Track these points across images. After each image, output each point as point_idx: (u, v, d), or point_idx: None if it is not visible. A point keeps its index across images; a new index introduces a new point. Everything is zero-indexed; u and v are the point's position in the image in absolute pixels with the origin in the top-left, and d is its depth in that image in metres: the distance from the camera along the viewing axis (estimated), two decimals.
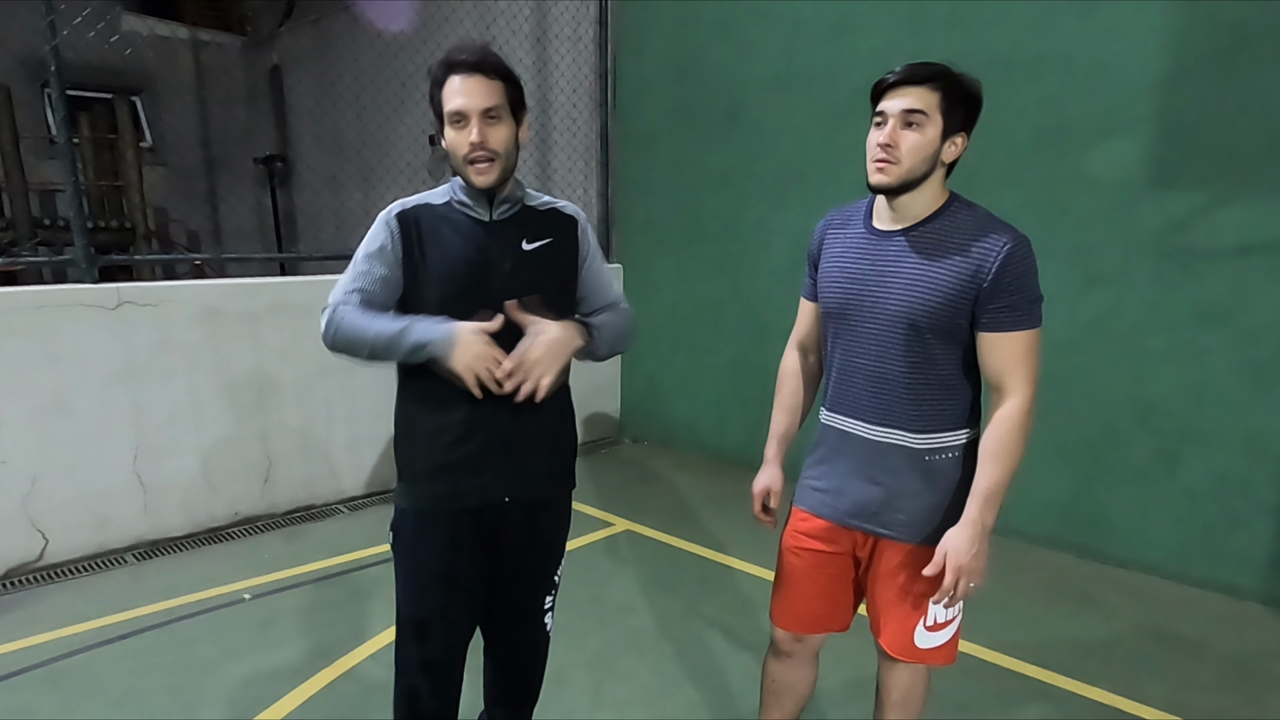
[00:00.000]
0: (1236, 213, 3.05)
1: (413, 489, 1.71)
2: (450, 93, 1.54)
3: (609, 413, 5.56)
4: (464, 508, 1.68)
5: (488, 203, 1.65)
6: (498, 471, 1.67)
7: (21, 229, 8.10)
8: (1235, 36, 2.98)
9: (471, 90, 1.53)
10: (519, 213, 1.68)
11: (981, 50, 3.49)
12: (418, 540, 1.71)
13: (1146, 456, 3.37)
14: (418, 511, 1.70)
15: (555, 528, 1.86)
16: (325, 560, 3.52)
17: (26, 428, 3.26)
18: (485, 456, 1.66)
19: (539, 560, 1.83)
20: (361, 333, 1.56)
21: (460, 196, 1.66)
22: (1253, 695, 2.59)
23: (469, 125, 1.54)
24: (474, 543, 1.71)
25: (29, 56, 8.06)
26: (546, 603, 1.87)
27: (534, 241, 1.67)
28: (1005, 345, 1.52)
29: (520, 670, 1.93)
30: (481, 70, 1.54)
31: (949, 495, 1.61)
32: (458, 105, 1.53)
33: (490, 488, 1.68)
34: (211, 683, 2.59)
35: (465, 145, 1.55)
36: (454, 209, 1.66)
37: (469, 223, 1.64)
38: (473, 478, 1.66)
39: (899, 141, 1.49)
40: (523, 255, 1.66)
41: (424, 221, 1.63)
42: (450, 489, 1.67)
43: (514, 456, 1.68)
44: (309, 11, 8.34)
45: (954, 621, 1.69)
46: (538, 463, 1.73)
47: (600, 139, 5.25)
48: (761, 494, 1.88)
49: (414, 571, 1.73)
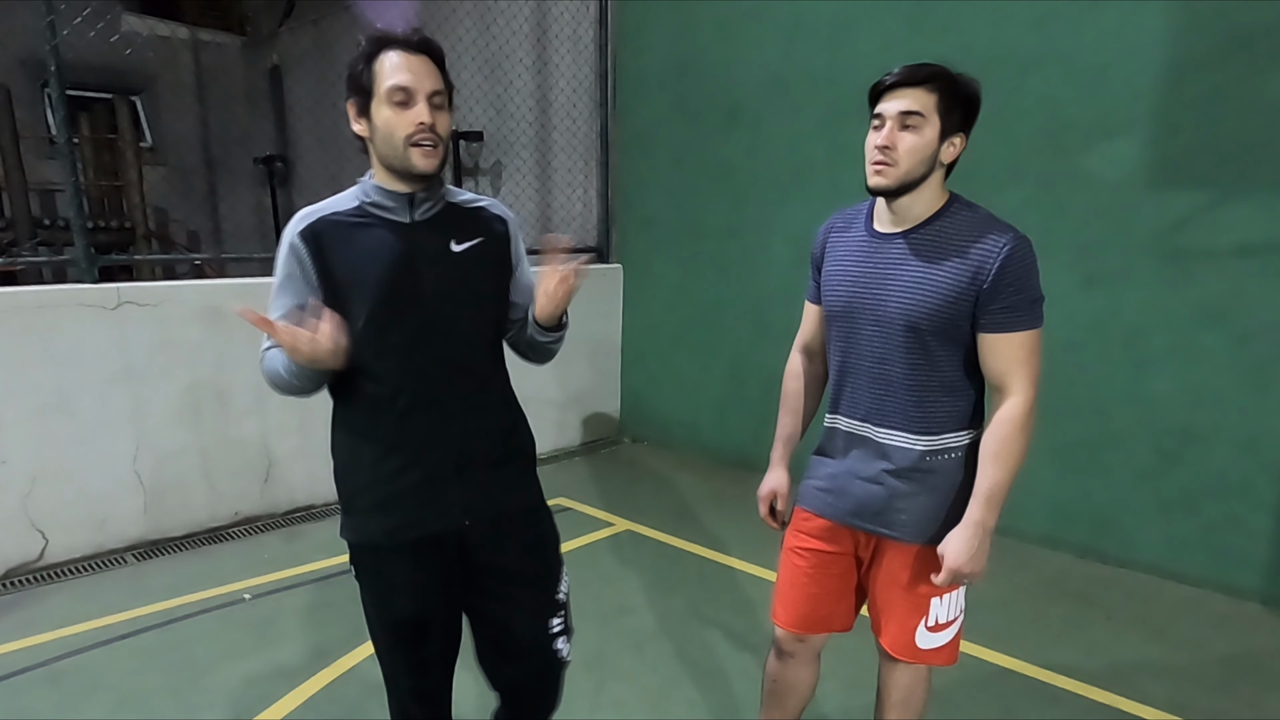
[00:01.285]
0: (1236, 213, 3.05)
1: (362, 522, 1.56)
2: (390, 68, 1.39)
3: (609, 413, 5.56)
4: (421, 536, 1.54)
5: (408, 203, 1.49)
6: (453, 493, 1.54)
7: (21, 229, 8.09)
8: (1235, 36, 2.98)
9: (420, 69, 1.40)
10: (442, 211, 1.54)
11: (981, 50, 3.49)
12: (378, 575, 1.58)
13: (1146, 456, 3.37)
14: (369, 546, 1.57)
15: (538, 541, 1.68)
16: (325, 560, 3.52)
17: (27, 428, 3.26)
18: (435, 479, 1.53)
19: (527, 581, 1.66)
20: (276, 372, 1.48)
21: (375, 198, 1.49)
22: (1253, 695, 2.59)
23: (415, 104, 1.40)
24: (440, 569, 1.58)
25: (29, 56, 8.05)
26: (554, 626, 1.70)
27: (463, 242, 1.53)
28: (1006, 346, 1.51)
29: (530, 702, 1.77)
30: (428, 51, 1.42)
31: (951, 496, 1.61)
32: (403, 81, 1.39)
33: (446, 512, 1.55)
34: (211, 683, 2.59)
35: (410, 125, 1.39)
36: (367, 213, 1.49)
37: (386, 228, 1.48)
38: (425, 505, 1.53)
39: (896, 143, 1.49)
40: (452, 257, 1.52)
41: (332, 235, 1.47)
42: (402, 519, 1.53)
43: (466, 474, 1.55)
44: (309, 11, 8.34)
45: (956, 622, 1.70)
46: (494, 476, 1.59)
47: (600, 139, 5.25)
48: (768, 497, 1.88)
49: (378, 608, 1.61)
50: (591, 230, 5.39)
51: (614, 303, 5.36)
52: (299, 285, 1.49)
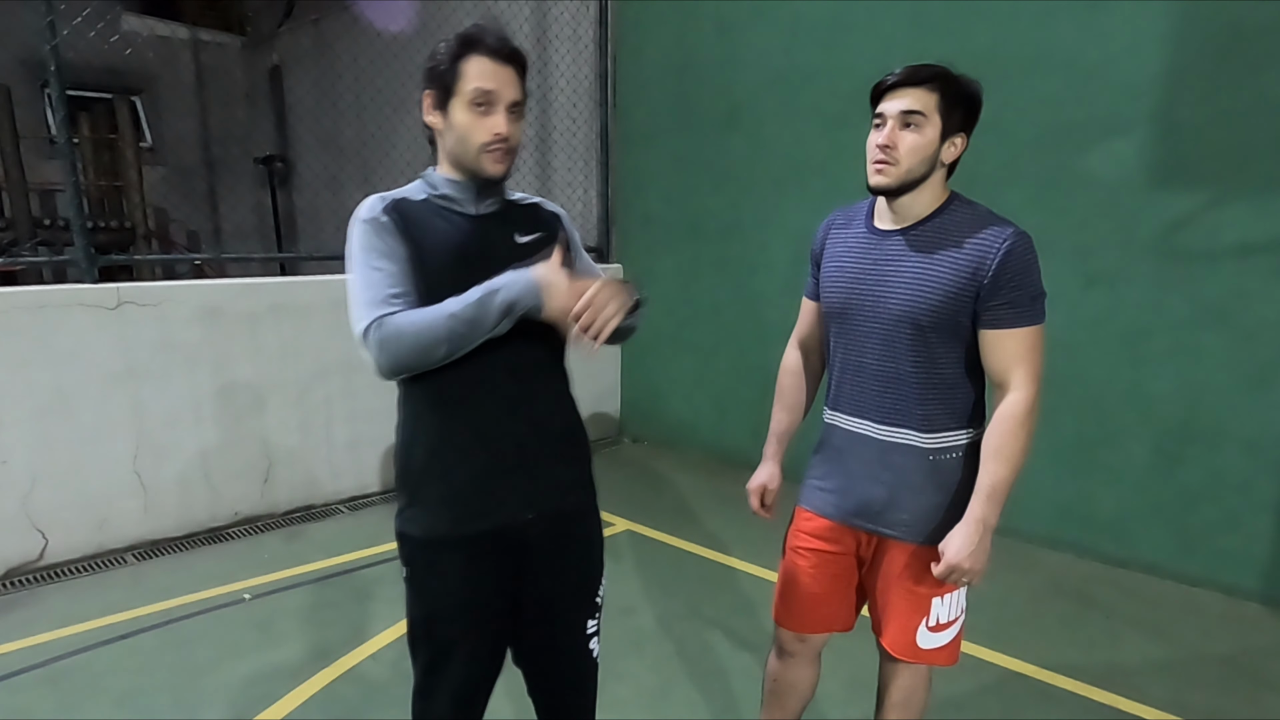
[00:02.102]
0: (1236, 213, 3.05)
1: (423, 515, 1.54)
2: (477, 72, 1.42)
3: (609, 413, 5.56)
4: (483, 530, 1.53)
5: (475, 196, 1.53)
6: (518, 485, 1.53)
7: (21, 229, 8.10)
8: (1235, 36, 2.98)
9: (506, 78, 1.43)
10: (502, 208, 1.58)
11: (981, 50, 3.49)
12: (433, 571, 1.55)
13: (1146, 456, 3.37)
14: (429, 540, 1.54)
15: (588, 543, 1.69)
16: (325, 560, 3.52)
17: (27, 428, 3.26)
18: (503, 470, 1.52)
19: (575, 581, 1.67)
20: (430, 329, 1.37)
21: (443, 190, 1.52)
22: (1253, 695, 2.59)
23: (495, 113, 1.43)
24: (497, 568, 1.56)
25: (29, 56, 8.05)
26: (590, 627, 1.69)
27: (526, 235, 1.57)
28: (1007, 342, 1.51)
29: (571, 701, 1.75)
30: (514, 62, 1.45)
31: (952, 495, 1.60)
32: (491, 86, 1.41)
33: (511, 505, 1.53)
34: (211, 683, 2.59)
35: (488, 134, 1.43)
36: (434, 204, 1.52)
37: (456, 216, 1.52)
38: (491, 497, 1.52)
39: (897, 142, 1.49)
40: (517, 248, 1.54)
41: (411, 214, 1.49)
42: (467, 511, 1.52)
43: (533, 468, 1.55)
44: (309, 11, 8.34)
45: (957, 622, 1.69)
46: (559, 472, 1.60)
47: (600, 139, 5.25)
48: (758, 490, 1.88)
49: (430, 604, 1.57)
50: (591, 230, 5.39)
51: None
52: (398, 254, 1.44)
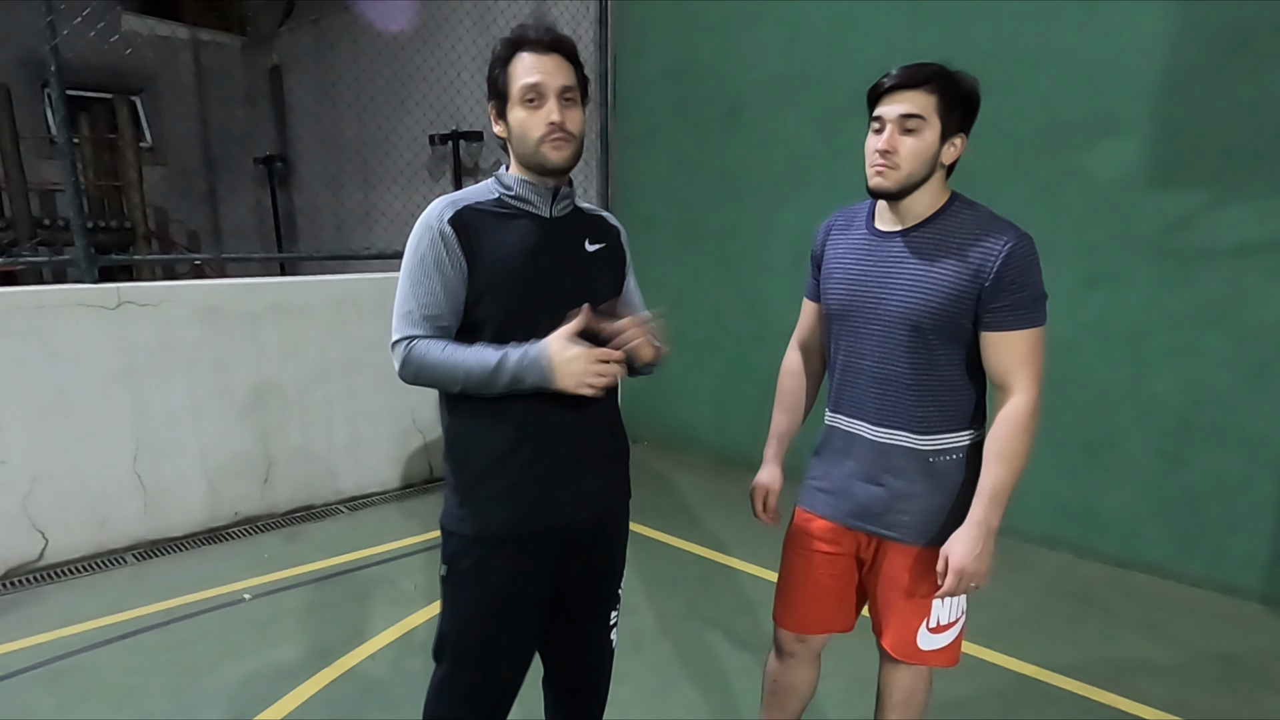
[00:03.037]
0: (1236, 212, 3.05)
1: (477, 514, 1.53)
2: (522, 69, 1.43)
3: None
4: (535, 530, 1.54)
5: (550, 196, 1.51)
6: (571, 487, 1.55)
7: (21, 229, 8.10)
8: (1235, 36, 2.98)
9: (551, 67, 1.43)
10: (574, 212, 1.58)
11: (981, 50, 3.49)
12: (479, 570, 1.55)
13: (1146, 456, 3.37)
14: (481, 538, 1.54)
15: (619, 539, 1.75)
16: (325, 560, 3.52)
17: (27, 428, 3.26)
18: (559, 472, 1.53)
19: (605, 575, 1.71)
20: (448, 372, 1.43)
21: (516, 190, 1.51)
22: (1253, 695, 2.59)
23: (546, 103, 1.42)
24: (541, 567, 1.58)
25: (29, 56, 8.06)
26: (612, 618, 1.76)
27: (594, 243, 1.57)
28: (1009, 344, 1.51)
29: (590, 691, 1.80)
30: (558, 49, 1.45)
31: (953, 496, 1.60)
32: (534, 80, 1.41)
33: (565, 505, 1.55)
34: (211, 682, 2.59)
35: (542, 125, 1.42)
36: (508, 205, 1.51)
37: (528, 220, 1.50)
38: (546, 496, 1.53)
39: (898, 147, 1.48)
40: (586, 256, 1.55)
41: (479, 222, 1.47)
42: (522, 511, 1.52)
43: (586, 469, 1.56)
44: (309, 11, 8.34)
45: (957, 623, 1.69)
46: (609, 473, 1.63)
47: (600, 139, 5.25)
48: (760, 493, 1.87)
49: (474, 603, 1.57)
50: None
51: None
52: (446, 272, 1.46)
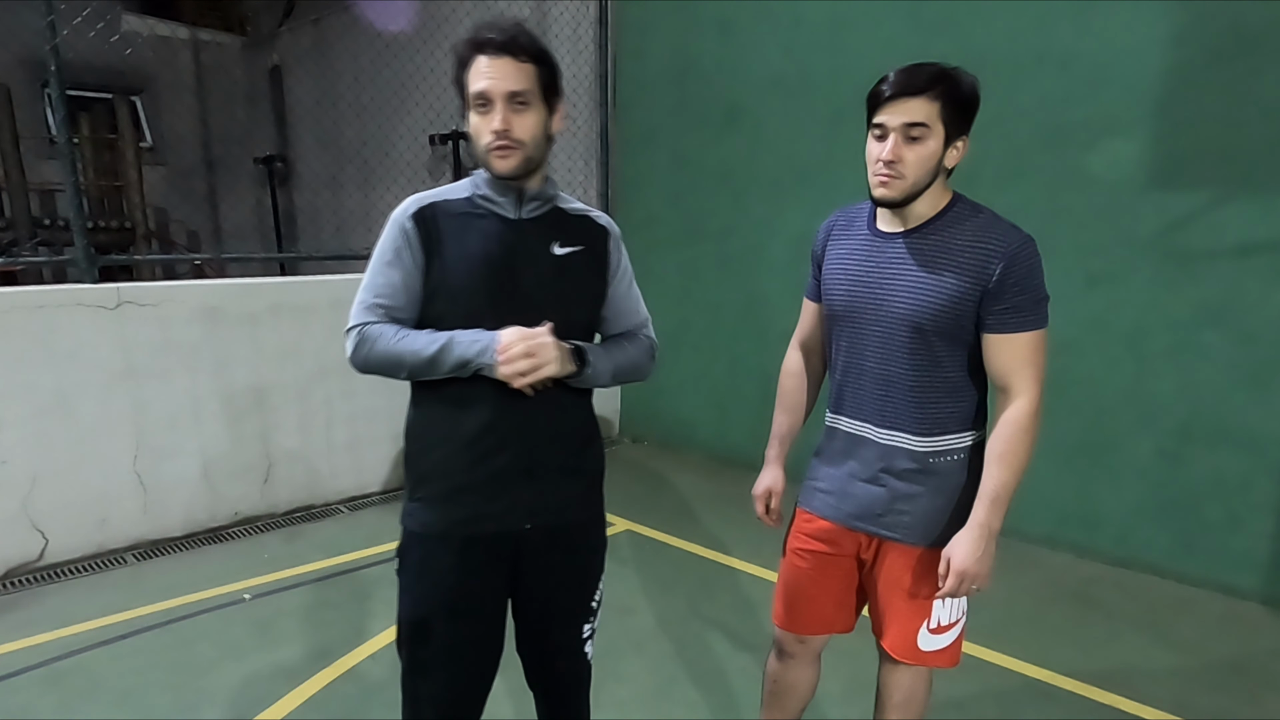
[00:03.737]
0: (1236, 212, 3.05)
1: (424, 510, 1.55)
2: (475, 73, 1.40)
3: (609, 413, 5.56)
4: (479, 534, 1.54)
5: (516, 198, 1.50)
6: (519, 495, 1.53)
7: (21, 229, 8.11)
8: (1235, 37, 2.98)
9: (499, 72, 1.38)
10: (549, 213, 1.54)
11: (981, 50, 3.48)
12: (425, 567, 1.56)
13: (1146, 456, 3.37)
14: (427, 536, 1.55)
15: (586, 556, 1.69)
16: (325, 560, 3.52)
17: (27, 428, 3.26)
18: (506, 478, 1.51)
19: (568, 589, 1.66)
20: (396, 355, 1.45)
21: (484, 191, 1.50)
22: (1253, 695, 2.59)
23: (492, 110, 1.40)
24: (489, 571, 1.57)
25: (29, 56, 8.06)
26: (585, 631, 1.70)
27: (566, 246, 1.53)
28: (1011, 346, 1.51)
29: (561, 706, 1.78)
30: (511, 51, 1.39)
31: (954, 498, 1.60)
32: (482, 87, 1.39)
33: (510, 513, 1.53)
34: (211, 683, 2.59)
35: (487, 133, 1.41)
36: (477, 205, 1.51)
37: (494, 220, 1.50)
38: (492, 501, 1.52)
39: (902, 156, 1.46)
40: (553, 260, 1.52)
41: (443, 220, 1.49)
42: (467, 513, 1.52)
43: (537, 479, 1.54)
44: (309, 11, 8.34)
45: (958, 624, 1.69)
46: (565, 485, 1.59)
47: (600, 139, 5.25)
48: (763, 496, 1.87)
49: (421, 599, 1.58)
50: None
51: None
52: (405, 264, 1.49)
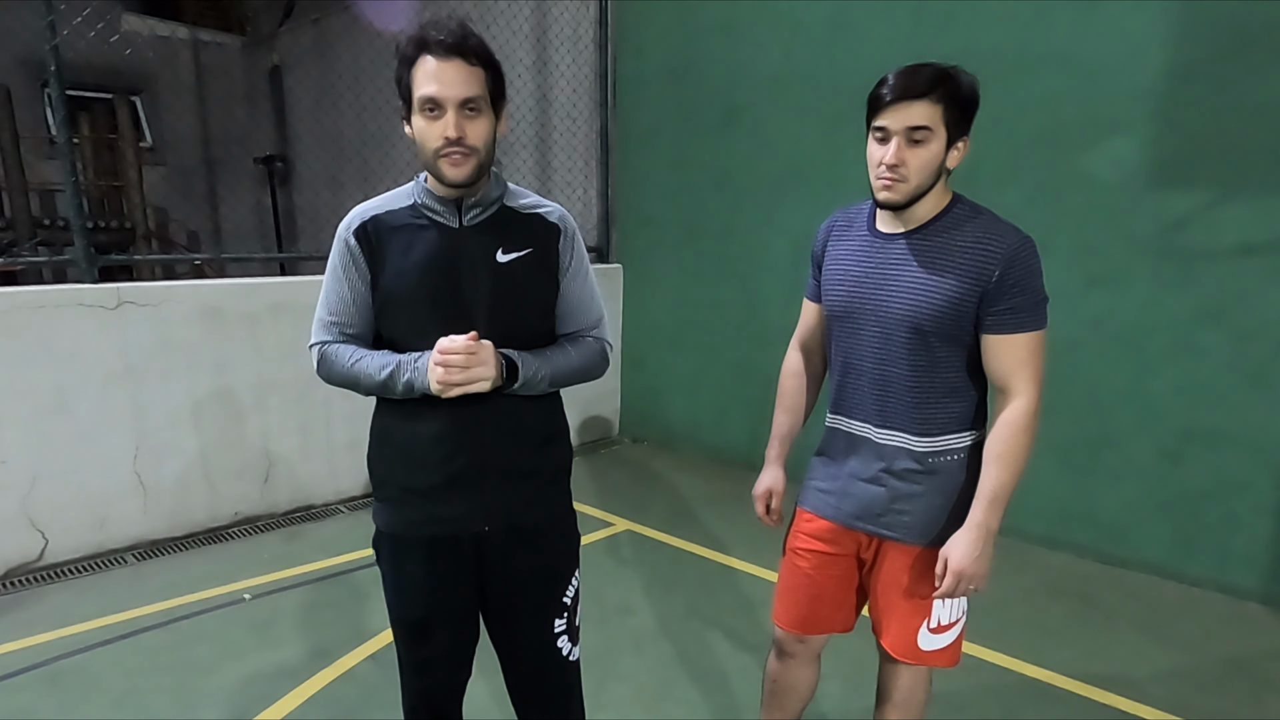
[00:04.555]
0: (1236, 212, 3.05)
1: (385, 510, 1.61)
2: (423, 76, 1.36)
3: (608, 413, 5.56)
4: (439, 534, 1.56)
5: (456, 209, 1.48)
6: (477, 498, 1.54)
7: (21, 229, 8.11)
8: (1235, 36, 2.98)
9: (449, 77, 1.35)
10: (495, 215, 1.51)
11: (981, 49, 3.48)
12: (395, 562, 1.63)
13: (1146, 456, 3.37)
14: (390, 534, 1.61)
15: (551, 555, 1.67)
16: (325, 560, 3.52)
17: (26, 427, 3.26)
18: (461, 483, 1.53)
19: (537, 589, 1.65)
20: (353, 378, 1.51)
21: (425, 200, 1.48)
22: (1253, 695, 2.59)
23: (444, 116, 1.37)
24: (454, 570, 1.59)
25: (29, 56, 8.06)
26: (557, 626, 1.68)
27: (510, 252, 1.50)
28: (1010, 347, 1.51)
29: (539, 702, 1.75)
30: (462, 54, 1.35)
31: (954, 497, 1.60)
32: (431, 92, 1.35)
33: (465, 517, 1.55)
34: (211, 683, 2.59)
35: (438, 139, 1.37)
36: (419, 214, 1.49)
37: (434, 231, 1.47)
38: (448, 505, 1.54)
39: (906, 159, 1.46)
40: (496, 268, 1.48)
41: (385, 234, 1.48)
42: (422, 515, 1.55)
43: (492, 482, 1.54)
44: (309, 11, 8.34)
45: (958, 624, 1.69)
46: (520, 488, 1.58)
47: (600, 138, 5.25)
48: (764, 496, 1.87)
49: (395, 594, 1.65)
50: (591, 230, 5.39)
51: (614, 303, 5.35)
52: (352, 280, 1.51)
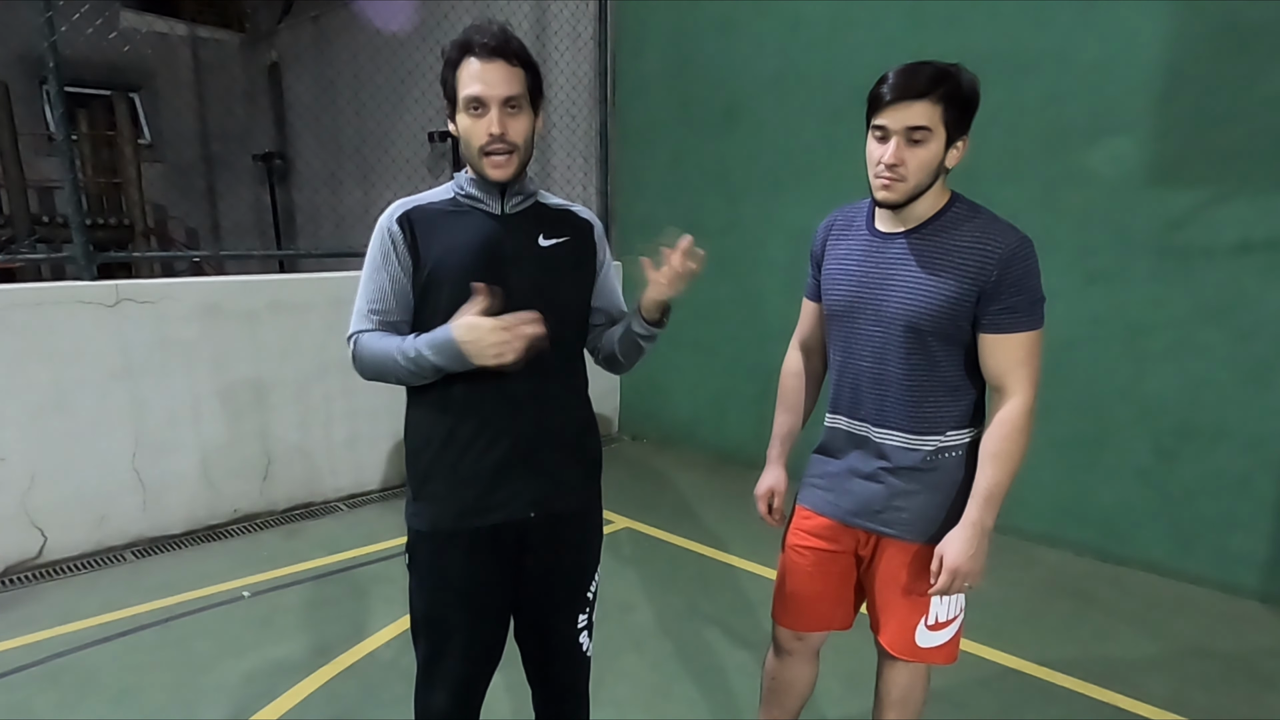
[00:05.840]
0: (1235, 210, 3.05)
1: (429, 507, 1.58)
2: (468, 76, 1.43)
3: (608, 411, 5.56)
4: (485, 526, 1.56)
5: (500, 195, 1.54)
6: (522, 484, 1.56)
7: (20, 226, 8.11)
8: (1234, 35, 2.98)
9: (492, 77, 1.42)
10: (532, 208, 1.59)
11: (981, 49, 3.48)
12: (435, 563, 1.59)
13: (1145, 454, 3.37)
14: (435, 534, 1.58)
15: (584, 543, 1.71)
16: (324, 558, 3.52)
17: (25, 425, 3.25)
18: (508, 468, 1.54)
19: (567, 578, 1.69)
20: (384, 366, 1.49)
21: (469, 190, 1.54)
22: (1253, 694, 2.59)
23: (488, 114, 1.43)
24: (496, 562, 1.60)
25: (27, 53, 8.05)
26: (580, 621, 1.72)
27: (551, 238, 1.57)
28: (1006, 346, 1.51)
29: (559, 697, 1.78)
30: (504, 55, 1.42)
31: (952, 495, 1.60)
32: (476, 91, 1.42)
33: (514, 502, 1.56)
34: (210, 680, 2.59)
35: (483, 135, 1.44)
36: (460, 204, 1.55)
37: (479, 216, 1.54)
38: (495, 492, 1.55)
39: (905, 159, 1.46)
40: (540, 251, 1.56)
41: (428, 220, 1.52)
42: (471, 505, 1.55)
43: (538, 467, 1.57)
44: (308, 8, 8.33)
45: (955, 621, 1.69)
46: (564, 473, 1.61)
47: (599, 136, 5.25)
48: (766, 495, 1.87)
49: (432, 596, 1.61)
50: None
51: None
52: (393, 268, 1.52)
